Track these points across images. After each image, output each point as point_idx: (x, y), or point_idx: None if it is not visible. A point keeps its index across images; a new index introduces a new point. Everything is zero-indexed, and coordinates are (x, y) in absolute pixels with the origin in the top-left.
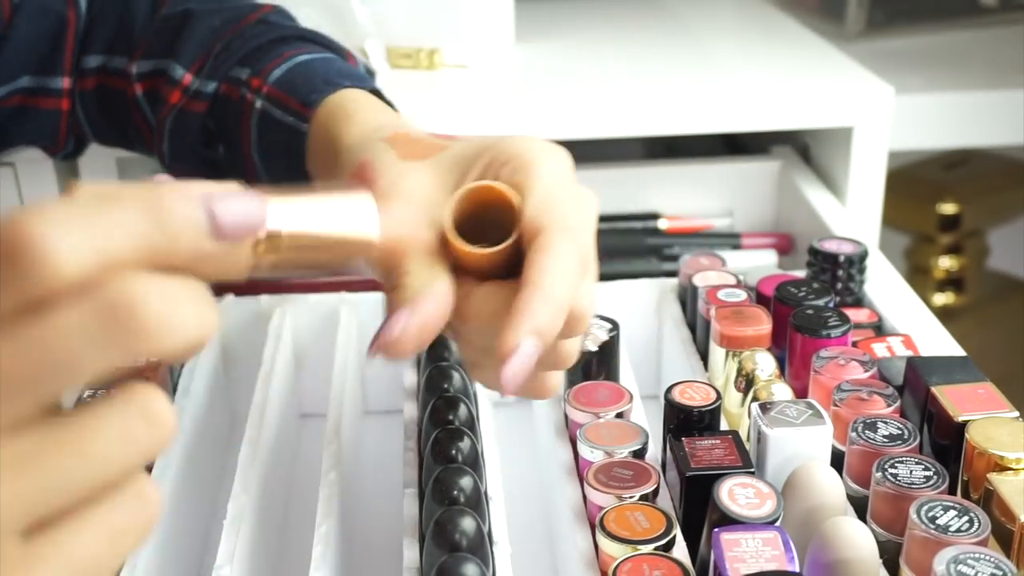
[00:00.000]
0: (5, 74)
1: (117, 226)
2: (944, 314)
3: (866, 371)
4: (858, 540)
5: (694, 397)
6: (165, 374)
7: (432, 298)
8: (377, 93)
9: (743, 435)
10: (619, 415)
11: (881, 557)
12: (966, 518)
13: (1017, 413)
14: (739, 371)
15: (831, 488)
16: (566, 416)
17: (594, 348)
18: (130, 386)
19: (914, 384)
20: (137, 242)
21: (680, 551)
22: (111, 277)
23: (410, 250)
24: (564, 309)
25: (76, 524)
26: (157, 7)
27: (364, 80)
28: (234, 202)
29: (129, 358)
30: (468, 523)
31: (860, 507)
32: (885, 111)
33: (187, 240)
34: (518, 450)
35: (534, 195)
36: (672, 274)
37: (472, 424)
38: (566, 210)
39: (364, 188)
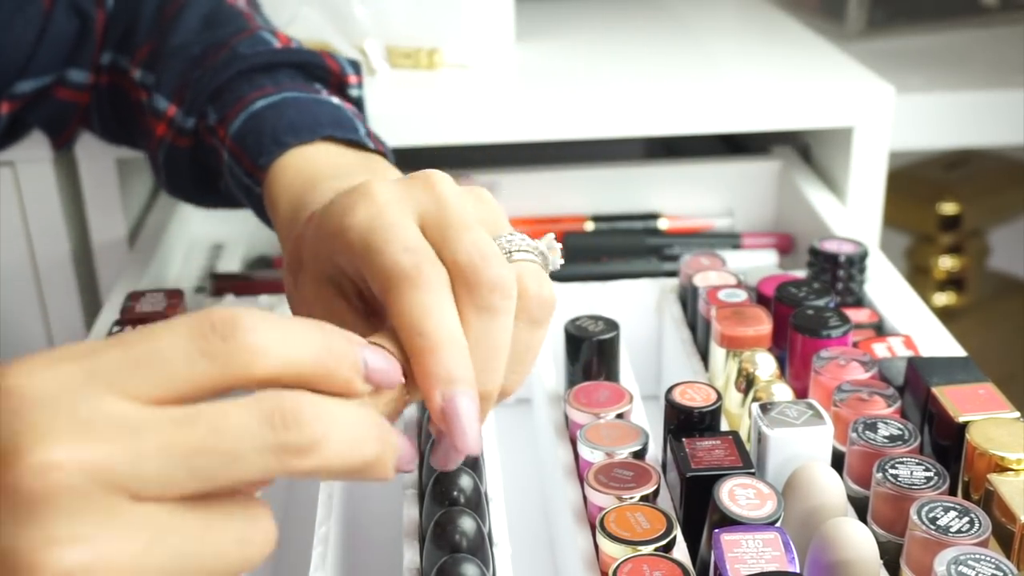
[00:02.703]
0: (43, 65)
1: (302, 340)
2: (945, 314)
3: (866, 371)
4: (858, 541)
5: (694, 398)
6: None
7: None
8: (332, 137)
9: (743, 436)
10: (619, 415)
11: (882, 558)
12: (967, 519)
13: (1018, 413)
14: (739, 371)
15: (831, 489)
16: (566, 416)
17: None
18: (249, 497)
19: (915, 384)
20: (314, 360)
21: (680, 552)
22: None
23: None
24: (452, 341)
25: None
26: (162, 8)
27: (316, 126)
28: (380, 358)
29: (284, 470)
30: (468, 524)
31: (860, 508)
32: (886, 111)
33: (344, 373)
34: (518, 450)
35: (352, 245)
36: (672, 274)
37: None
38: (392, 235)
39: None
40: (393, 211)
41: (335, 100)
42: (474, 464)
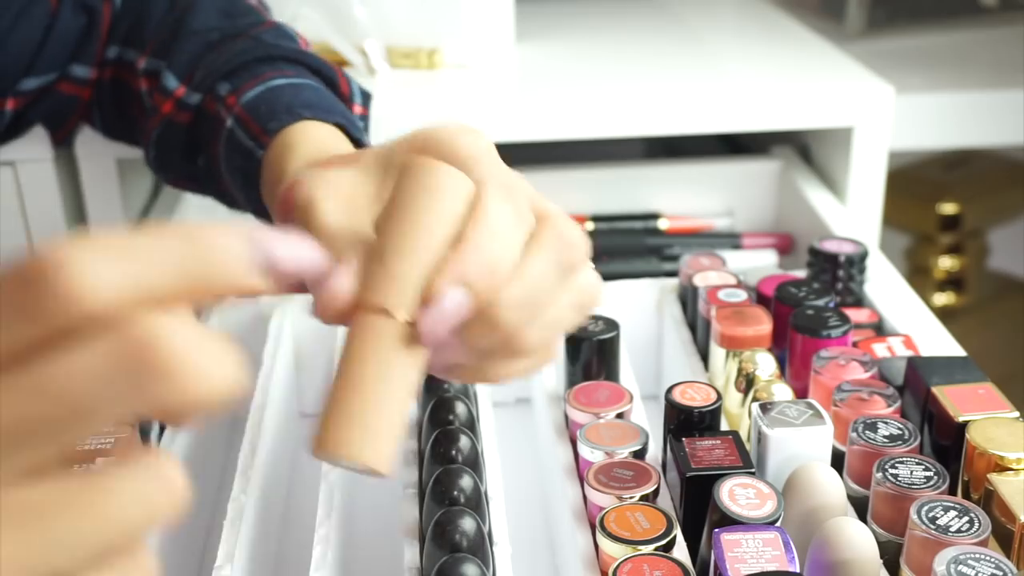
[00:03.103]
0: (49, 63)
1: (154, 257)
2: (944, 314)
3: (866, 371)
4: (859, 540)
5: (694, 397)
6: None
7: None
8: (344, 127)
9: (743, 435)
10: (619, 415)
11: (882, 557)
12: (966, 518)
13: (1017, 413)
14: (739, 371)
15: (831, 488)
16: (566, 416)
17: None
18: (144, 451)
19: (914, 384)
20: (176, 274)
21: (680, 551)
22: (135, 315)
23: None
24: (498, 261)
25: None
26: (174, 4)
27: (332, 112)
28: (290, 245)
29: (146, 404)
30: (468, 523)
31: (860, 507)
32: (885, 111)
33: (231, 275)
34: (518, 450)
35: (459, 158)
36: (672, 274)
37: (472, 424)
38: (493, 167)
39: (289, 215)
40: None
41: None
42: (474, 464)
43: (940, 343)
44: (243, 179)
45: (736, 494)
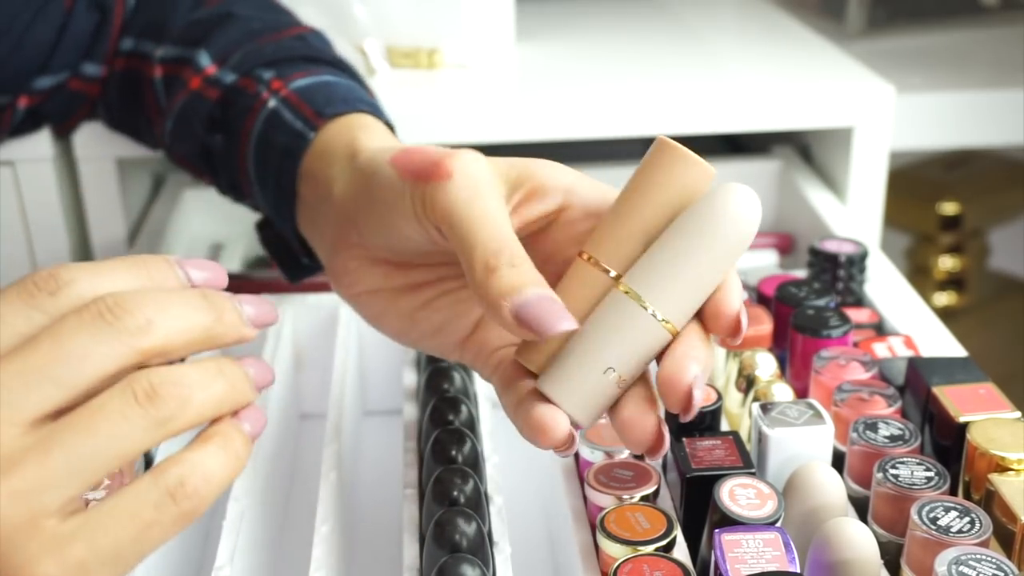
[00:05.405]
0: (62, 62)
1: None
2: (945, 314)
3: (867, 371)
4: (859, 541)
5: None
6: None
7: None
8: (392, 129)
9: (744, 436)
10: None
11: (882, 558)
12: (967, 519)
13: (1019, 413)
14: (740, 371)
15: (832, 488)
16: None
17: None
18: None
19: (915, 384)
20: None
21: (681, 552)
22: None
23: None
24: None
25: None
26: (200, 4)
27: (382, 113)
28: (260, 305)
29: (133, 352)
30: (468, 524)
31: (861, 508)
32: (886, 111)
33: (232, 328)
34: (518, 451)
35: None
36: None
37: (472, 425)
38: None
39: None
40: None
41: None
42: (474, 464)
43: (941, 343)
44: (278, 158)
45: (736, 494)
